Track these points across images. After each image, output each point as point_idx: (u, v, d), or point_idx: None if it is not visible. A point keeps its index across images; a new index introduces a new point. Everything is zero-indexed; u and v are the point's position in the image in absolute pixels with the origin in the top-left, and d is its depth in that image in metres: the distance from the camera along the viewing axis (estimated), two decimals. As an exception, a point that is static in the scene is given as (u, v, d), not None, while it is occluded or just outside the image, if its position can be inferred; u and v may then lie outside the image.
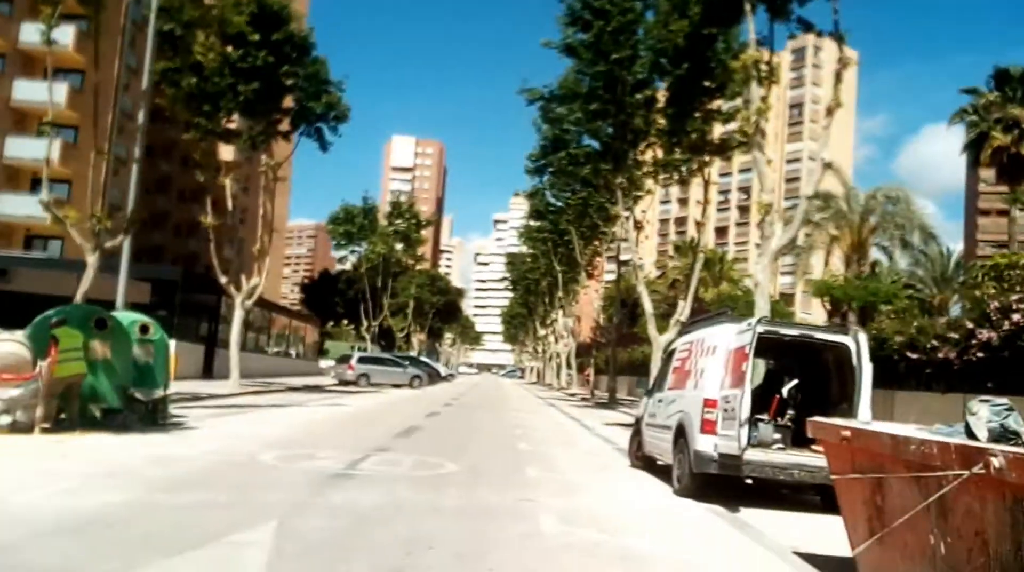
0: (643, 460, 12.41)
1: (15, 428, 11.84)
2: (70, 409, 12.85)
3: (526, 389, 65.63)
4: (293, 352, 62.42)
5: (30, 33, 45.05)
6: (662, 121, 29.48)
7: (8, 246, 44.91)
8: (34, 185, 46.69)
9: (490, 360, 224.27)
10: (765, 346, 9.45)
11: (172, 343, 31.74)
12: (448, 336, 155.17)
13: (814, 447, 9.81)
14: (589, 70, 28.54)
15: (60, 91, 45.35)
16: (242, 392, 27.39)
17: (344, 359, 43.68)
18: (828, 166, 17.15)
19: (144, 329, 15.49)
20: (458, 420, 21.60)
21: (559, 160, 36.98)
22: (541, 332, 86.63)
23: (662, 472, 11.35)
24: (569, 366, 65.18)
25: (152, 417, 14.59)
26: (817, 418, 6.44)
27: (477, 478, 9.98)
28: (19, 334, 12.73)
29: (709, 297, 52.61)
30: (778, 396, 10.16)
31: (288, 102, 29.84)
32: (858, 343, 9.50)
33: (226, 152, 73.39)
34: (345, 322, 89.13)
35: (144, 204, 58.98)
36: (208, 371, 35.90)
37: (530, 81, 30.08)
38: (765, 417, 9.93)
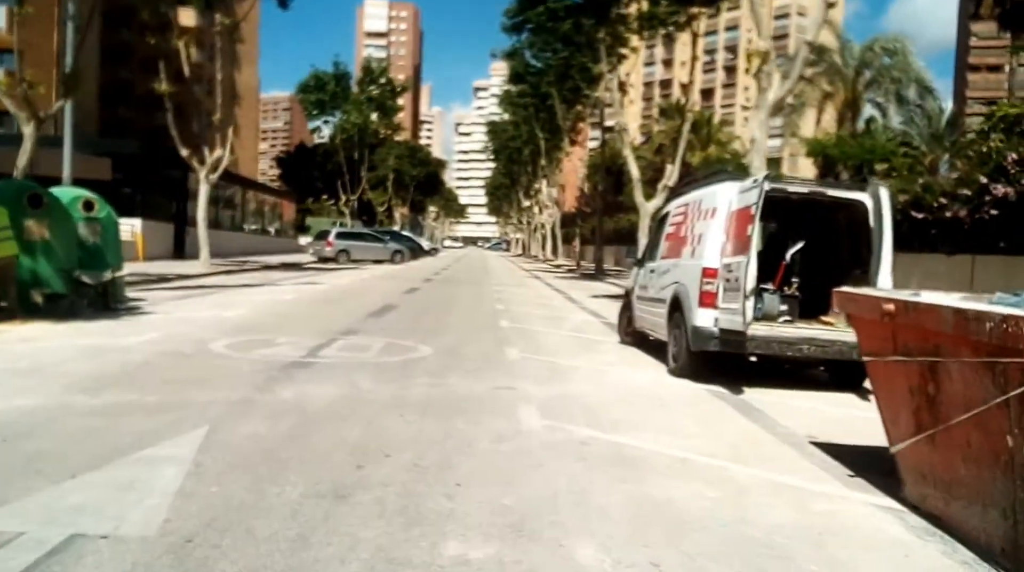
0: (634, 336, 11.48)
1: (-59, 320, 10.78)
2: (7, 296, 11.71)
3: (511, 262, 64.87)
4: (272, 229, 61.18)
5: None
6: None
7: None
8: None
9: (475, 233, 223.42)
10: (768, 207, 8.27)
11: (137, 222, 30.66)
12: (431, 210, 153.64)
13: (824, 318, 8.87)
14: None
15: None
16: (212, 272, 26.30)
17: (322, 235, 42.45)
18: (831, 5, 15.56)
19: (88, 205, 14.15)
20: (437, 296, 20.64)
21: (538, 16, 34.72)
22: (525, 203, 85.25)
23: (655, 349, 10.42)
24: (554, 237, 64.25)
25: (103, 302, 13.50)
26: (845, 289, 5.38)
27: (452, 363, 9.00)
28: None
29: (696, 161, 51.12)
30: (784, 263, 9.11)
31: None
32: (878, 199, 8.36)
33: (186, 17, 69.98)
34: (325, 197, 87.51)
35: (104, 74, 56.47)
36: (179, 251, 34.70)
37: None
38: (770, 287, 8.90)
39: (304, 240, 58.06)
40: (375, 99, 57.19)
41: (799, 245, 9.34)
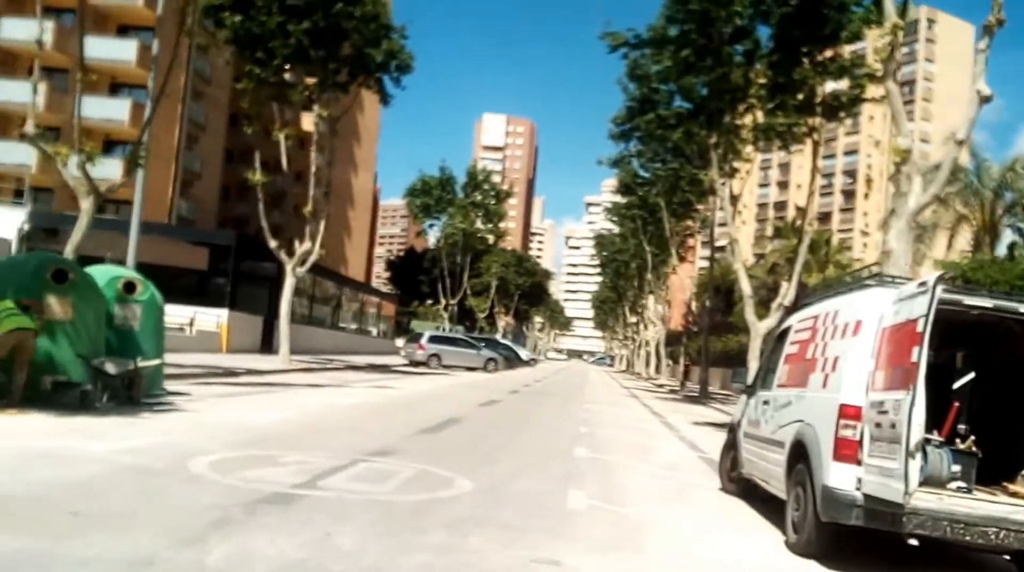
0: (740, 483, 8.95)
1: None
2: (15, 379, 10.18)
3: (612, 377, 62.10)
4: (374, 330, 60.57)
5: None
6: (763, 81, 25.68)
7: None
8: (107, 147, 45.52)
9: (580, 346, 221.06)
10: (932, 325, 5.82)
11: (223, 313, 29.78)
12: (537, 320, 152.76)
13: (1013, 486, 6.29)
14: (680, 10, 24.66)
15: (130, 49, 43.99)
16: (288, 369, 24.87)
17: (415, 338, 41.06)
18: (987, 100, 13.18)
19: (129, 287, 12.79)
20: (515, 412, 18.44)
21: (647, 123, 33.20)
22: (631, 318, 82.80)
23: (770, 505, 7.91)
24: (658, 355, 61.41)
25: (128, 394, 11.86)
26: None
27: (489, 509, 6.75)
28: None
29: (813, 281, 47.97)
30: (956, 403, 6.57)
31: (346, 50, 27.06)
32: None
33: (307, 122, 72.10)
34: (430, 302, 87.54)
35: (226, 173, 57.75)
36: (267, 345, 33.69)
37: (614, 25, 26.20)
38: (935, 437, 6.33)
39: (401, 342, 57.09)
40: (479, 204, 56.69)
41: (968, 377, 6.82)
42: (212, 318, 29.11)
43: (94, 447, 7.83)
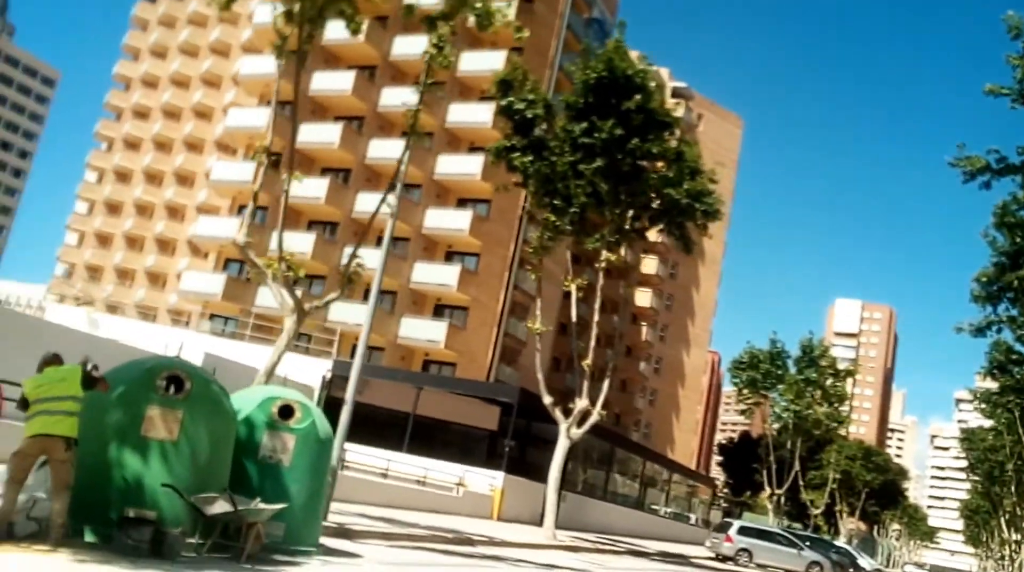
0: None
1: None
2: (53, 504, 7.85)
3: (981, 604, 50.04)
4: (692, 517, 55.12)
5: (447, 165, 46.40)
6: None
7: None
8: (437, 310, 46.75)
9: (946, 563, 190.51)
10: None
11: (499, 476, 27.17)
12: (894, 528, 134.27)
13: None
14: None
15: (464, 219, 45.53)
16: (547, 544, 21.29)
17: (722, 528, 35.46)
18: None
19: (285, 412, 10.35)
20: None
21: (1020, 279, 26.37)
22: (1009, 535, 68.04)
23: None
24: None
25: (234, 549, 9.05)
26: None
27: None
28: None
29: None
30: None
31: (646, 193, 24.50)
32: None
33: (648, 265, 70.66)
34: (764, 493, 79.73)
35: (556, 346, 57.23)
36: (548, 516, 30.41)
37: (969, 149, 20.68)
38: None
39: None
40: (814, 382, 50.02)
41: None
42: (486, 480, 26.61)
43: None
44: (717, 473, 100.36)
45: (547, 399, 23.80)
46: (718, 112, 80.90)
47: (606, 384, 24.75)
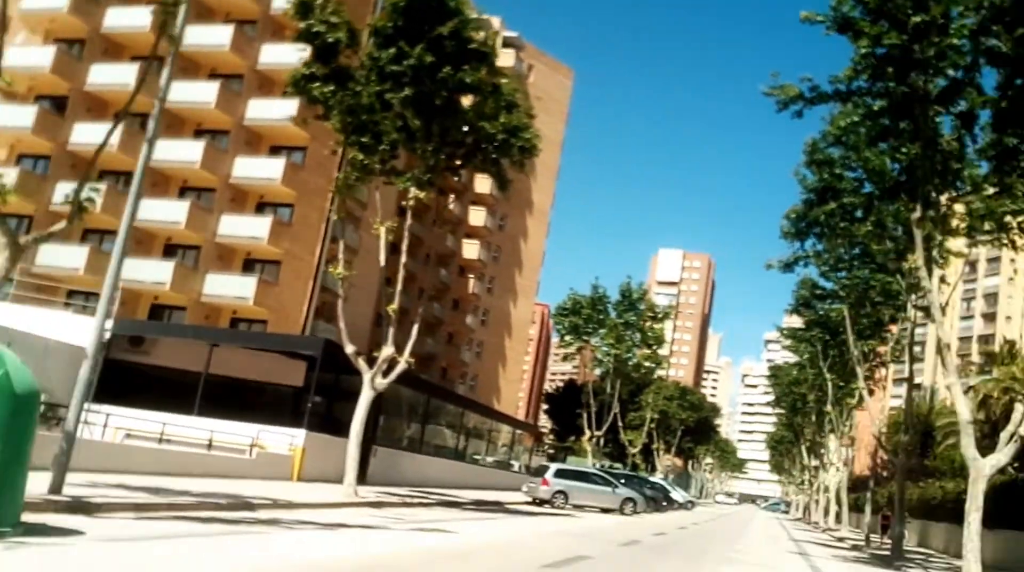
0: None
1: None
2: None
3: (781, 526, 53.11)
4: (516, 465, 55.25)
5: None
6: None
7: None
8: (247, 265, 43.88)
9: (754, 491, 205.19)
10: None
11: (299, 434, 25.49)
12: (707, 462, 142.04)
13: None
14: (869, 53, 18.67)
15: (276, 167, 42.79)
16: (346, 502, 19.90)
17: (540, 472, 35.32)
18: None
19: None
20: (621, 568, 12.51)
21: (828, 214, 26.94)
22: (808, 461, 72.90)
23: None
24: (839, 502, 52.20)
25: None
26: None
27: None
28: None
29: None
30: None
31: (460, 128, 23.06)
32: None
33: (476, 217, 69.69)
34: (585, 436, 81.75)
35: (379, 302, 55.15)
36: (360, 473, 29.00)
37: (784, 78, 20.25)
38: None
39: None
40: (633, 325, 50.98)
41: None
42: (286, 440, 24.85)
43: None
44: (547, 422, 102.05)
45: (349, 348, 22.25)
46: (549, 63, 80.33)
47: (415, 330, 23.46)
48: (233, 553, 9.99)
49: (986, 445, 20.42)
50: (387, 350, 22.27)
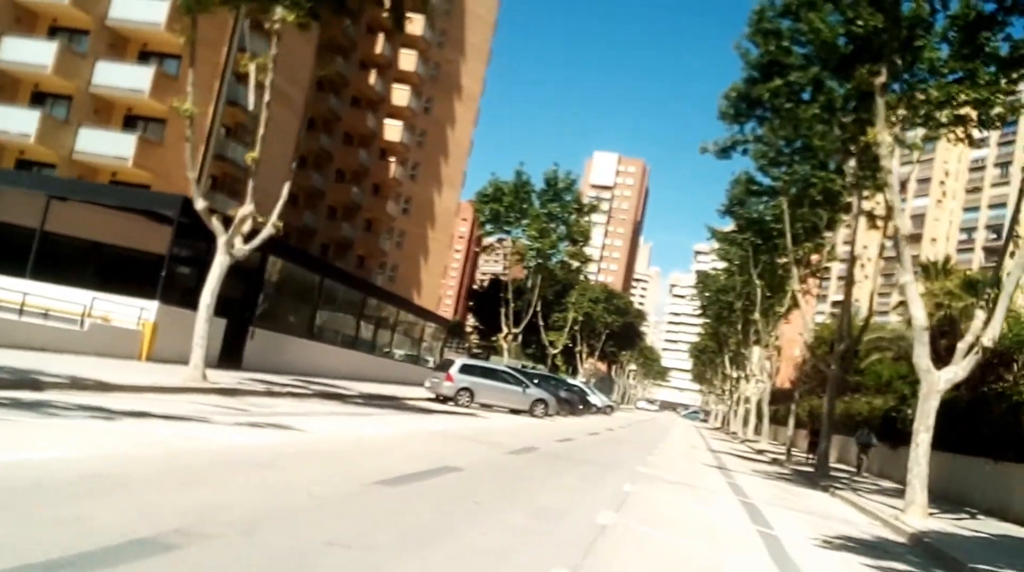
0: None
1: None
2: None
3: (701, 436, 51.61)
4: (431, 360, 52.16)
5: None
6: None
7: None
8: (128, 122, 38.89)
9: (676, 399, 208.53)
10: None
11: (151, 306, 21.51)
12: (631, 368, 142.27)
13: None
14: None
15: (160, 10, 37.34)
16: (187, 388, 16.33)
17: (444, 366, 32.20)
18: None
19: None
20: (494, 485, 9.35)
21: (771, 92, 23.80)
22: (731, 370, 71.83)
23: None
24: (760, 413, 50.79)
25: None
26: None
27: None
28: None
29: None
30: None
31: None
32: None
33: (399, 96, 64.63)
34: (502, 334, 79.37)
35: (297, 179, 50.60)
36: (235, 355, 25.46)
37: None
38: None
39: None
40: (558, 217, 47.63)
41: None
42: (133, 313, 20.99)
43: None
44: (475, 323, 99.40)
45: (200, 203, 18.35)
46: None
47: (285, 189, 19.60)
48: None
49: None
50: (246, 208, 18.45)
